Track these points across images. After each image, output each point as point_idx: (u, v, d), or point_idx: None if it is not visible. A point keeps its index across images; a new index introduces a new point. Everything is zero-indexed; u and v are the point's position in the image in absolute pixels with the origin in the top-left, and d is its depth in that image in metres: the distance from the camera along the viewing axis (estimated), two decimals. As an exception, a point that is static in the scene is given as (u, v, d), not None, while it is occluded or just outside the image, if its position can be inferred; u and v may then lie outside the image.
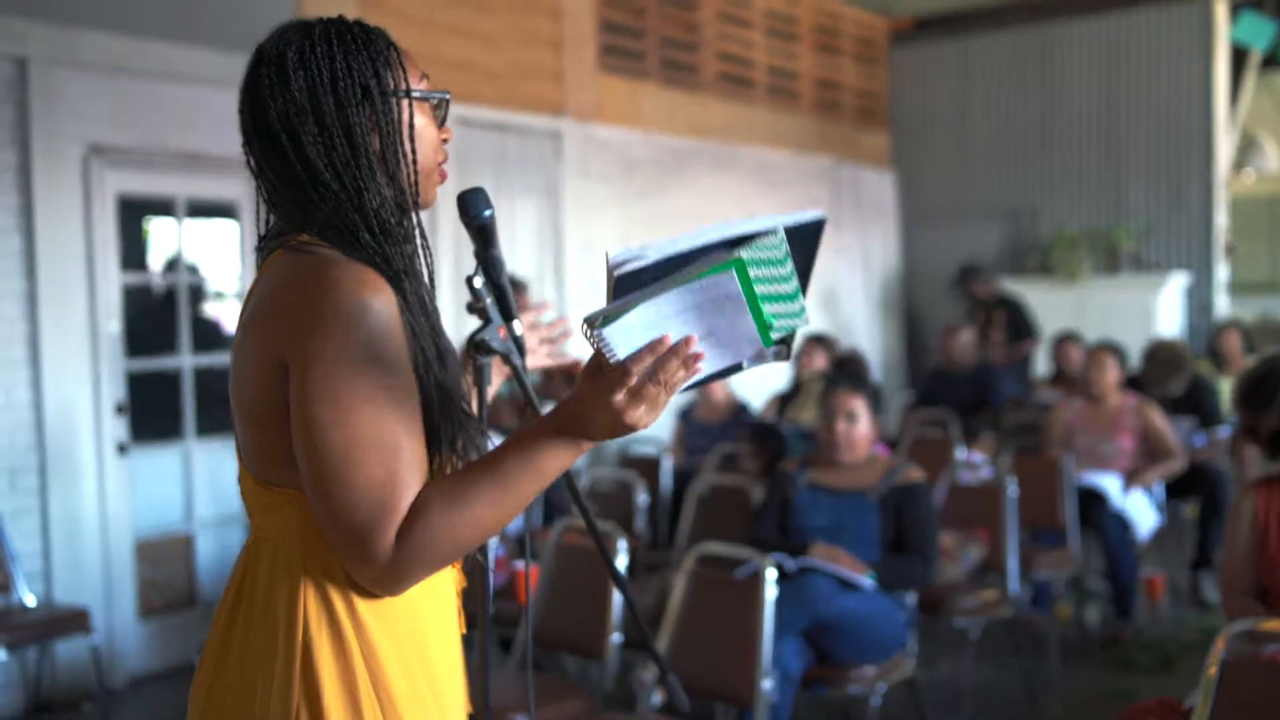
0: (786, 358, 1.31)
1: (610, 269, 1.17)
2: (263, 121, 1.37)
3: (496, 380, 1.87)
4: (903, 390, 9.17)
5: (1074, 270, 8.73)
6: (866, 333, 9.43)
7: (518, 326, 1.78)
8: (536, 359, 1.88)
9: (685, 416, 5.96)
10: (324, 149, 1.34)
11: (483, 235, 1.76)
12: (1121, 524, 4.95)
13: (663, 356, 1.19)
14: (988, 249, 9.30)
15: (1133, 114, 8.87)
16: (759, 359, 1.30)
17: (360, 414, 1.26)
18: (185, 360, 5.01)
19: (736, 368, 1.31)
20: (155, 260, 5.06)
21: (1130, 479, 5.08)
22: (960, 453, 5.34)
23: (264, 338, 1.32)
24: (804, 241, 1.24)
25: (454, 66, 6.02)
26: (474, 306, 1.80)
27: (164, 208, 5.02)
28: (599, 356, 1.22)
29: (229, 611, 1.40)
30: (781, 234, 1.19)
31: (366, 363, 1.26)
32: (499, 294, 1.76)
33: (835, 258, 9.15)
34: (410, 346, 1.32)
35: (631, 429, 1.22)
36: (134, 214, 4.92)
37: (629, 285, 1.18)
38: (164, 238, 5.08)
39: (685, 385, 1.29)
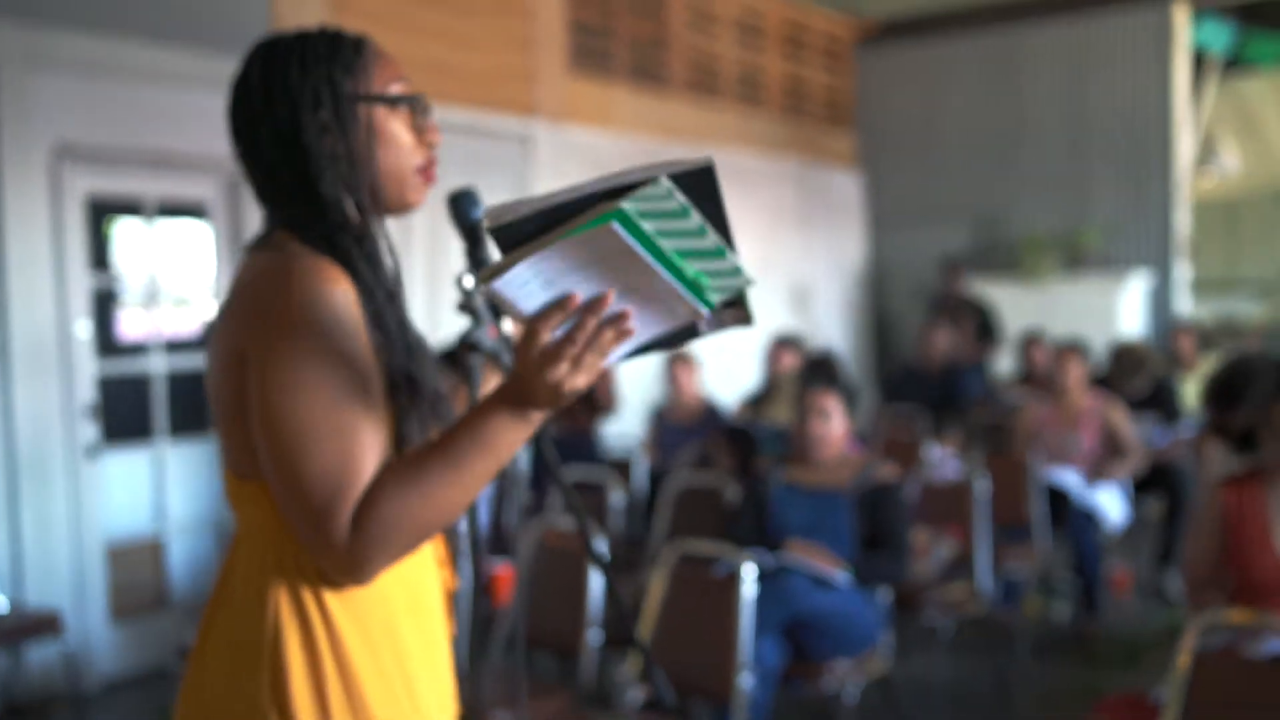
0: (748, 322, 1.26)
1: (488, 222, 1.16)
2: (234, 129, 1.44)
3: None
4: (871, 388, 9.24)
5: (1039, 270, 8.84)
6: (836, 332, 9.50)
7: (508, 326, 1.81)
8: None
9: (658, 417, 5.99)
10: (280, 152, 1.39)
11: (473, 235, 1.78)
12: (1087, 520, 5.02)
13: (580, 317, 1.18)
14: (955, 249, 9.40)
15: (1097, 116, 8.99)
16: (718, 324, 1.26)
17: (315, 401, 1.28)
18: (156, 363, 4.98)
19: (692, 333, 1.27)
20: (120, 260, 5.02)
21: (1092, 475, 5.17)
22: (930, 450, 5.40)
23: (229, 332, 1.36)
24: (703, 194, 1.16)
25: (425, 68, 6.01)
26: (465, 306, 1.82)
27: (133, 208, 4.98)
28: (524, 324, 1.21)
29: (210, 608, 1.43)
30: (666, 183, 1.12)
31: (321, 351, 1.29)
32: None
33: (804, 258, 9.22)
34: (373, 337, 1.35)
35: (559, 389, 1.21)
36: (103, 214, 4.88)
37: (508, 241, 1.16)
38: (132, 238, 5.04)
39: (632, 348, 1.25)
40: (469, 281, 1.75)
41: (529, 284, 1.16)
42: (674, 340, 1.28)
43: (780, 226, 8.97)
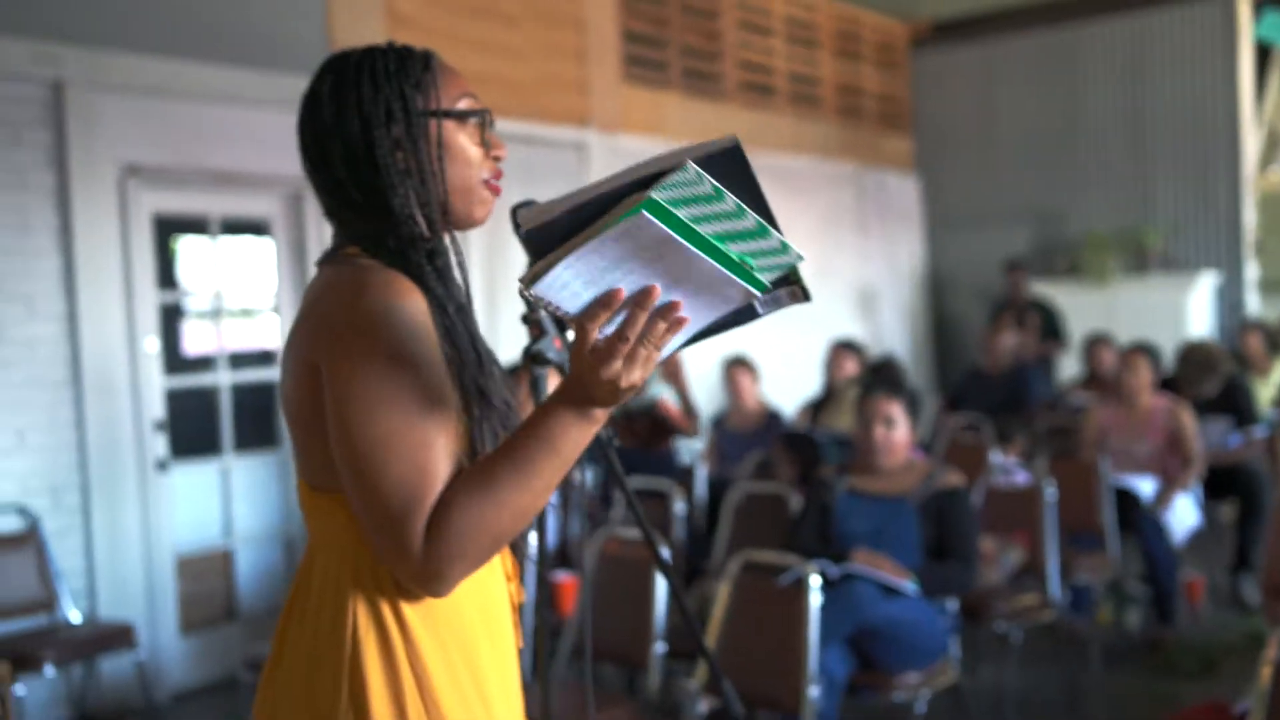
0: (805, 298, 1.24)
1: (518, 226, 1.14)
2: (303, 145, 1.45)
3: None
4: (932, 394, 9.14)
5: (1103, 271, 8.69)
6: (896, 337, 9.41)
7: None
8: None
9: (718, 425, 5.96)
10: (349, 168, 1.40)
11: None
12: (1159, 527, 4.91)
13: (629, 312, 1.17)
14: (1015, 251, 9.27)
15: (1158, 113, 8.83)
16: (776, 303, 1.25)
17: (390, 412, 1.28)
18: (223, 377, 5.06)
19: (749, 314, 1.25)
20: (185, 277, 5.12)
21: (1160, 497, 5.03)
22: (994, 456, 5.32)
23: (302, 344, 1.37)
24: (734, 175, 1.15)
25: (479, 80, 6.01)
26: (528, 318, 1.82)
27: (198, 226, 5.07)
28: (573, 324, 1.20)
29: (285, 619, 1.44)
30: (693, 168, 1.10)
31: (395, 362, 1.29)
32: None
33: (863, 263, 9.15)
34: (445, 350, 1.35)
35: (615, 386, 1.19)
36: (168, 232, 4.97)
37: (542, 243, 1.15)
38: (197, 255, 5.13)
39: (692, 334, 1.24)
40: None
41: (569, 285, 1.15)
42: (734, 322, 1.26)
43: (839, 231, 8.91)
